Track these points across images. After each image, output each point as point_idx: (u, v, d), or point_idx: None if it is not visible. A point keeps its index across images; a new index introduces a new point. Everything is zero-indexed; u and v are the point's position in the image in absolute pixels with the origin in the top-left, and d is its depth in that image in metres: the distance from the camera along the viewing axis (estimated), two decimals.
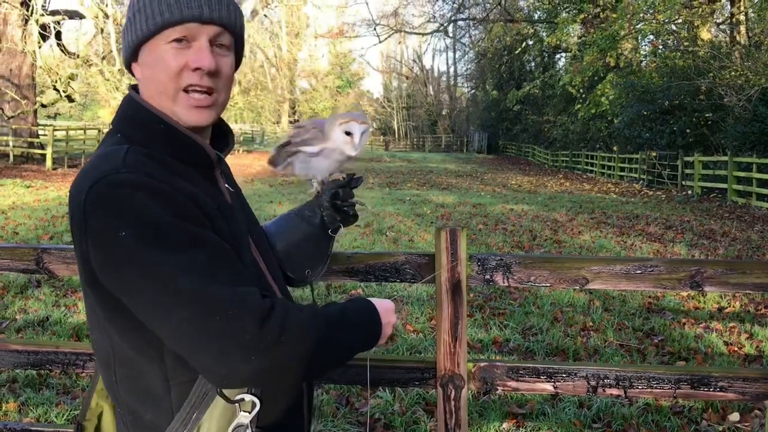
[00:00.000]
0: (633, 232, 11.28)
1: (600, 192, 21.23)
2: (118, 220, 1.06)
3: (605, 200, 17.84)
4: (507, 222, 12.27)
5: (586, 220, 12.86)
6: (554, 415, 3.75)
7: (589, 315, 5.84)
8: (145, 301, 1.07)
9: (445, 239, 2.17)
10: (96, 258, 1.10)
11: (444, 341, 2.19)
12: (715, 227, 12.26)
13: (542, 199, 17.54)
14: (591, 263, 2.18)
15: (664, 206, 16.37)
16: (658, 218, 13.52)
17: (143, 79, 1.25)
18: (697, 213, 14.86)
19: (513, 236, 10.54)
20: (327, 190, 1.63)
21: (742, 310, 6.21)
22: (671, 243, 10.24)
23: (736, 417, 3.82)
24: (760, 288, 2.13)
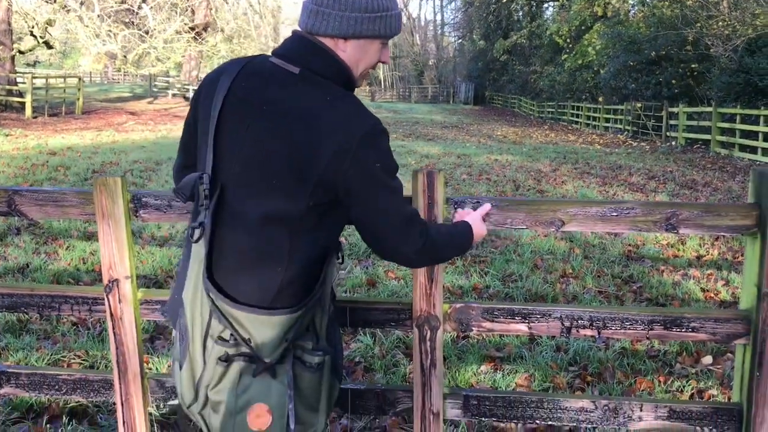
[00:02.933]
0: (616, 182, 11.34)
1: (585, 143, 21.25)
2: (378, 155, 1.61)
3: (589, 151, 17.87)
4: (491, 172, 12.28)
5: (569, 171, 12.89)
6: (531, 358, 3.81)
7: (568, 262, 5.90)
8: (376, 202, 1.63)
9: (422, 182, 2.16)
10: (353, 174, 1.57)
11: (420, 283, 2.20)
12: (698, 178, 12.35)
13: (527, 150, 17.53)
14: (567, 205, 2.18)
15: (648, 157, 16.43)
16: (642, 169, 13.58)
17: (352, 54, 1.67)
18: (680, 163, 14.94)
19: (496, 186, 10.56)
20: None
21: (720, 257, 6.30)
22: (653, 193, 10.32)
23: (709, 360, 3.91)
24: (734, 230, 2.14)
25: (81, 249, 5.99)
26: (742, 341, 2.18)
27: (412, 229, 1.69)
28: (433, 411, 2.26)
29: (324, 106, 1.58)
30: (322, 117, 1.56)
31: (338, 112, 1.58)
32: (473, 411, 2.30)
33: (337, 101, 1.60)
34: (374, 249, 1.75)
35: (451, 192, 9.46)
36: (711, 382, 3.63)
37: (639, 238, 6.87)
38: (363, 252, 6.05)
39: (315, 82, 1.61)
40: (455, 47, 66.73)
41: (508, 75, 47.32)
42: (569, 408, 2.25)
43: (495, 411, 2.28)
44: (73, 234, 6.59)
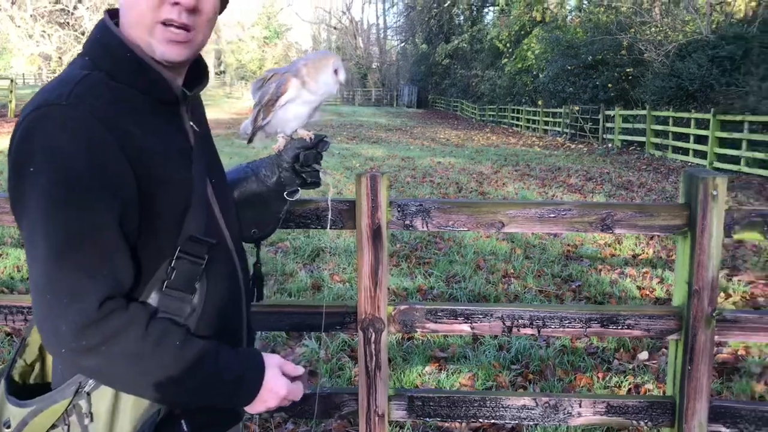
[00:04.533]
0: (555, 184, 11.60)
1: (525, 145, 21.66)
2: (34, 155, 1.05)
3: (529, 153, 18.23)
4: (434, 174, 12.39)
5: (510, 173, 13.13)
6: (475, 357, 3.87)
7: (510, 263, 6.01)
8: (25, 234, 1.08)
9: (366, 185, 2.17)
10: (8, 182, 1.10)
11: (365, 286, 2.21)
12: (633, 179, 12.74)
13: (469, 153, 17.76)
14: (507, 207, 2.23)
15: (586, 159, 16.86)
16: (580, 170, 13.93)
17: (124, 6, 1.19)
18: (617, 165, 15.38)
19: (440, 188, 10.67)
20: (290, 149, 1.52)
21: (655, 256, 6.52)
22: (591, 194, 10.59)
23: (645, 355, 4.04)
24: (666, 230, 2.23)
25: (15, 257, 5.79)
26: (675, 337, 2.27)
27: (70, 300, 1.03)
28: (378, 413, 2.27)
29: None
30: None
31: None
32: (418, 411, 2.32)
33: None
34: None
35: (395, 194, 9.51)
36: (647, 377, 3.75)
37: (578, 238, 7.04)
38: (307, 256, 6.03)
39: None
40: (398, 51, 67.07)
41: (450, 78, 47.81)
42: (511, 406, 2.29)
43: (439, 411, 2.31)
44: (6, 241, 6.36)
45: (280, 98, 1.47)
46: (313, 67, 1.46)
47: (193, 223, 1.17)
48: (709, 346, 2.21)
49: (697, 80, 17.44)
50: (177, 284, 1.16)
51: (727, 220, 2.16)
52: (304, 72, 1.46)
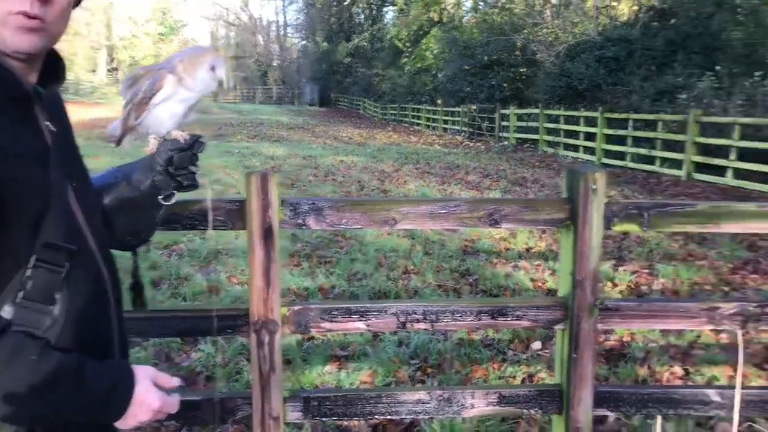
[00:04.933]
0: (454, 181, 11.85)
1: (425, 144, 22.02)
2: None
3: (429, 151, 18.54)
4: (337, 173, 12.39)
5: (411, 171, 13.30)
6: (375, 354, 3.89)
7: (410, 259, 6.09)
8: None
9: (256, 184, 2.13)
10: None
11: (257, 287, 2.17)
12: (527, 175, 13.20)
13: (371, 151, 17.87)
14: (399, 204, 2.25)
15: (483, 156, 17.33)
16: (477, 168, 14.30)
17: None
18: (512, 162, 15.89)
19: (342, 186, 10.67)
20: (164, 151, 1.43)
21: (547, 249, 6.77)
22: (487, 190, 10.90)
23: (538, 345, 4.19)
24: (550, 223, 2.31)
25: None
26: (561, 326, 2.35)
27: None
28: (273, 415, 2.23)
29: None
30: None
31: None
32: (314, 412, 2.30)
33: None
34: None
35: (296, 194, 9.44)
36: (540, 366, 3.89)
37: (475, 233, 7.22)
38: (203, 258, 5.88)
39: None
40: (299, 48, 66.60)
41: (352, 77, 47.94)
42: (406, 401, 2.31)
43: (335, 410, 2.30)
44: None
45: (155, 96, 1.39)
46: (190, 63, 1.39)
47: (50, 228, 1.09)
48: (593, 335, 2.31)
49: (585, 80, 18.27)
50: (33, 295, 1.07)
51: (607, 213, 2.27)
52: (180, 68, 1.39)
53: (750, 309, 2.37)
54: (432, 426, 2.97)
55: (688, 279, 5.70)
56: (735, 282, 5.72)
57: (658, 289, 5.48)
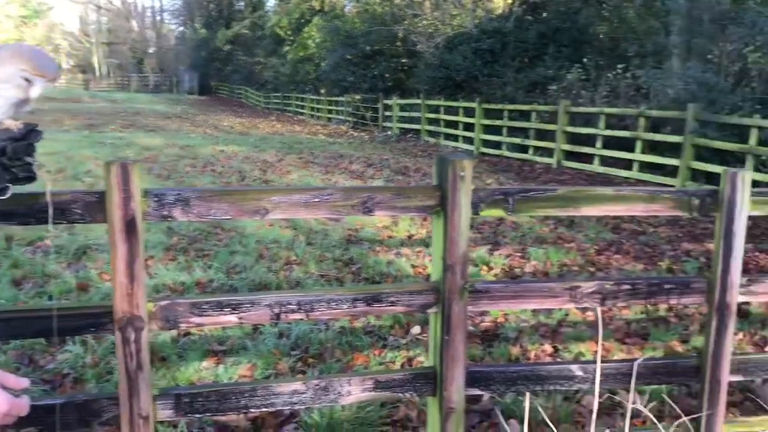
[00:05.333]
0: (337, 171, 11.86)
1: (309, 133, 21.89)
2: None
3: (314, 141, 18.46)
4: (216, 164, 12.07)
5: (294, 160, 13.19)
6: (254, 347, 3.83)
7: (293, 250, 6.04)
8: None
9: (116, 174, 2.02)
10: None
11: (120, 283, 2.07)
12: (410, 164, 13.43)
13: (253, 141, 17.55)
14: (271, 194, 2.21)
15: (367, 146, 17.46)
16: (361, 157, 14.38)
17: None
18: (395, 152, 16.11)
19: (222, 177, 10.41)
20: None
21: (428, 235, 6.92)
22: (371, 179, 10.99)
23: (417, 329, 4.28)
24: (422, 210, 2.35)
25: None
26: (434, 310, 2.40)
27: None
28: (142, 415, 2.14)
29: None
30: None
31: None
32: (186, 409, 2.23)
33: None
34: None
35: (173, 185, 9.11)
36: (419, 350, 3.97)
37: (358, 222, 7.26)
38: (72, 254, 5.56)
39: None
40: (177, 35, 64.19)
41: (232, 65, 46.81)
42: (282, 392, 2.29)
43: (209, 406, 2.24)
44: None
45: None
46: (3, 61, 1.28)
47: None
48: (463, 316, 2.38)
49: (463, 71, 18.78)
50: None
51: (474, 199, 2.33)
52: (4, 55, 1.28)
53: (607, 287, 2.52)
54: (311, 415, 2.96)
55: (557, 261, 6.01)
56: (600, 263, 6.09)
57: (530, 271, 5.73)
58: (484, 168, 13.25)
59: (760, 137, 9.08)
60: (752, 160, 9.02)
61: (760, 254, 6.39)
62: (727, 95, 10.83)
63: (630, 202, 2.49)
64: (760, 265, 6.07)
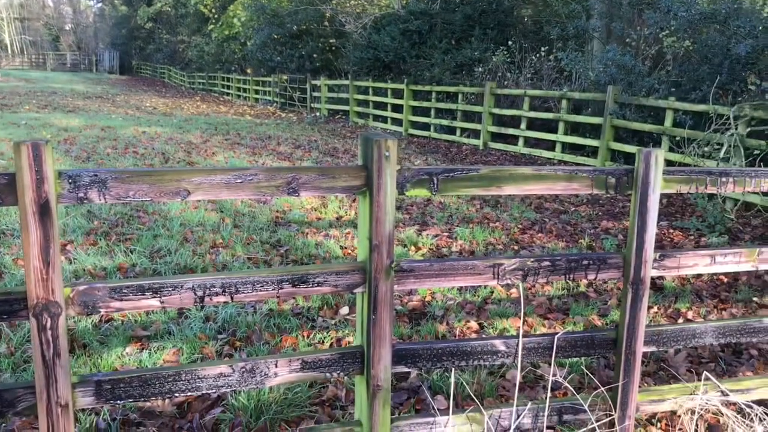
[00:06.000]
0: (265, 152, 11.70)
1: (236, 114, 21.48)
2: None
3: (240, 122, 18.13)
4: (138, 145, 11.70)
5: (220, 142, 12.93)
6: (180, 332, 3.76)
7: (219, 232, 5.94)
8: None
9: (27, 155, 1.93)
10: None
11: (34, 267, 1.99)
12: (338, 145, 13.38)
13: (177, 122, 17.09)
14: (191, 174, 2.16)
15: (296, 127, 17.28)
16: (289, 138, 14.23)
17: None
18: (324, 133, 16.01)
19: (144, 159, 10.11)
20: None
21: (356, 217, 6.92)
22: (299, 160, 10.90)
23: (346, 310, 4.30)
24: (347, 190, 2.35)
25: None
26: (361, 290, 2.42)
27: None
28: (61, 403, 2.08)
29: None
30: None
31: None
32: (107, 396, 2.18)
33: None
34: None
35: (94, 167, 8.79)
36: (348, 330, 3.99)
37: (286, 204, 7.20)
38: None
39: None
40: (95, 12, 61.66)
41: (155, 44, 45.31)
42: (207, 376, 2.26)
43: (131, 392, 2.19)
44: None
45: None
46: None
47: None
48: (390, 296, 2.40)
49: (391, 52, 18.79)
50: None
51: (399, 179, 2.35)
52: None
53: (529, 264, 2.60)
54: (239, 398, 2.94)
55: (483, 240, 6.14)
56: (524, 241, 6.25)
57: (457, 250, 5.83)
58: (413, 149, 13.34)
59: (675, 119, 9.49)
60: (667, 140, 9.42)
61: (674, 231, 6.69)
62: (644, 78, 11.23)
63: (550, 181, 2.56)
64: (674, 242, 6.37)
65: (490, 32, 17.61)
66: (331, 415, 3.01)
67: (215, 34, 31.60)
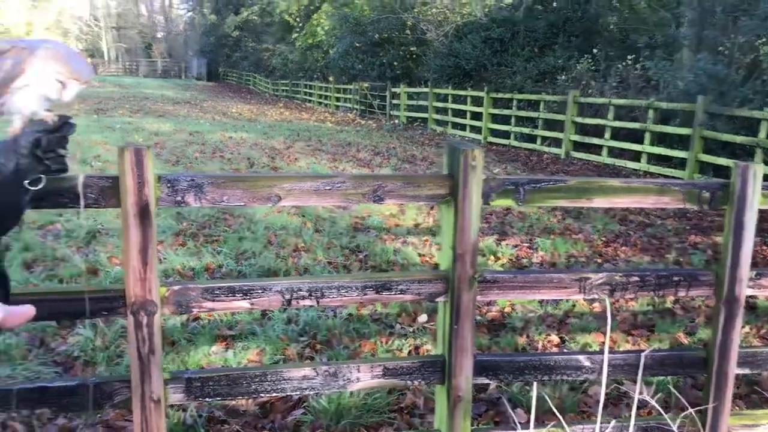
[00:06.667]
0: (345, 158, 11.86)
1: (317, 121, 21.87)
2: None
3: (321, 129, 18.44)
4: (225, 150, 12.09)
5: (302, 148, 13.19)
6: (263, 333, 3.86)
7: (301, 236, 6.06)
8: None
9: (130, 160, 2.03)
10: None
11: (133, 267, 2.09)
12: (417, 153, 13.41)
13: (261, 128, 17.56)
14: (283, 181, 2.22)
15: (374, 134, 17.44)
16: (368, 145, 14.37)
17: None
18: (402, 140, 16.09)
19: (231, 164, 10.43)
20: (29, 133, 1.32)
21: (435, 224, 6.93)
22: (378, 167, 10.99)
23: (424, 318, 4.30)
24: (432, 199, 2.36)
25: None
26: (443, 299, 2.42)
27: None
28: (154, 398, 2.17)
29: None
30: None
31: None
32: (197, 393, 2.25)
33: None
34: None
35: (182, 170, 9.13)
36: (426, 338, 3.99)
37: (366, 210, 7.27)
38: (82, 238, 5.59)
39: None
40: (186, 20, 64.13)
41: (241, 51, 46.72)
42: (292, 378, 2.31)
43: (219, 390, 2.26)
44: None
45: (16, 80, 1.28)
46: (47, 61, 1.28)
47: None
48: (472, 306, 2.39)
49: (472, 60, 18.71)
50: None
51: (485, 189, 2.34)
52: (41, 55, 1.28)
53: (617, 279, 2.53)
54: (320, 401, 2.99)
55: (564, 252, 6.01)
56: (607, 254, 6.09)
57: (537, 261, 5.74)
58: (492, 158, 13.23)
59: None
60: (761, 153, 8.98)
61: (767, 248, 6.37)
62: (737, 88, 10.76)
63: (640, 194, 2.49)
64: (767, 259, 6.06)
65: (574, 40, 17.29)
66: (409, 423, 3.02)
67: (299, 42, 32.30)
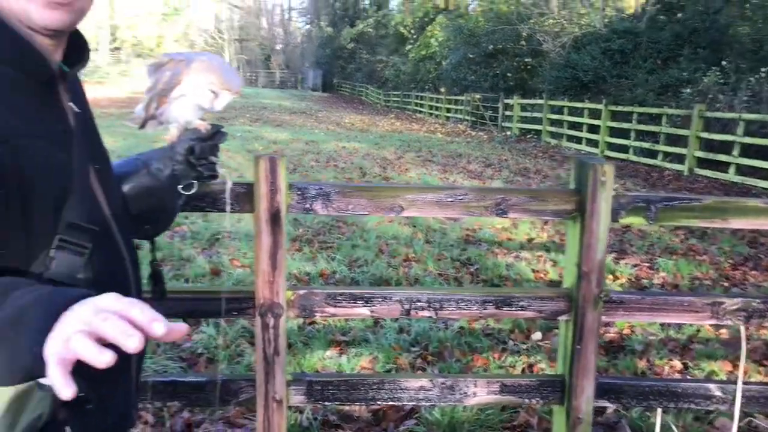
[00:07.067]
0: (456, 170, 11.84)
1: (428, 132, 21.96)
2: None
3: (432, 140, 18.50)
4: (339, 159, 12.36)
5: (413, 158, 13.29)
6: (375, 340, 3.90)
7: (411, 247, 6.09)
8: None
9: (264, 168, 2.12)
10: None
11: (263, 271, 2.17)
12: (530, 165, 13.18)
13: (373, 138, 17.83)
14: (406, 191, 2.24)
15: (486, 146, 17.30)
16: (479, 157, 14.27)
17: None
18: (515, 152, 15.86)
19: (344, 173, 10.65)
20: (184, 140, 1.42)
21: (549, 240, 6.78)
22: (490, 180, 10.88)
23: (539, 335, 4.20)
24: (558, 214, 2.31)
25: None
26: (565, 317, 2.36)
27: None
28: (277, 398, 2.24)
29: None
30: None
31: None
32: (317, 396, 2.31)
33: None
34: None
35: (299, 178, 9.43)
36: (540, 356, 3.90)
37: (476, 223, 7.22)
38: (206, 240, 5.88)
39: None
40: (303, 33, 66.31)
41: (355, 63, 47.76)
42: (409, 388, 2.32)
43: (338, 395, 2.31)
44: None
45: (173, 90, 1.38)
46: (197, 73, 1.36)
47: (73, 210, 1.07)
48: (596, 326, 2.31)
49: (590, 72, 18.21)
50: (57, 275, 1.03)
51: (614, 205, 2.26)
52: (194, 67, 1.36)
53: (754, 305, 2.38)
54: (433, 413, 2.98)
55: (688, 274, 5.71)
56: (735, 278, 5.73)
57: (659, 282, 5.48)
58: None
59: None
60: None
61: None
62: None
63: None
64: None
65: (701, 52, 16.46)
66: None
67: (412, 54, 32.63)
